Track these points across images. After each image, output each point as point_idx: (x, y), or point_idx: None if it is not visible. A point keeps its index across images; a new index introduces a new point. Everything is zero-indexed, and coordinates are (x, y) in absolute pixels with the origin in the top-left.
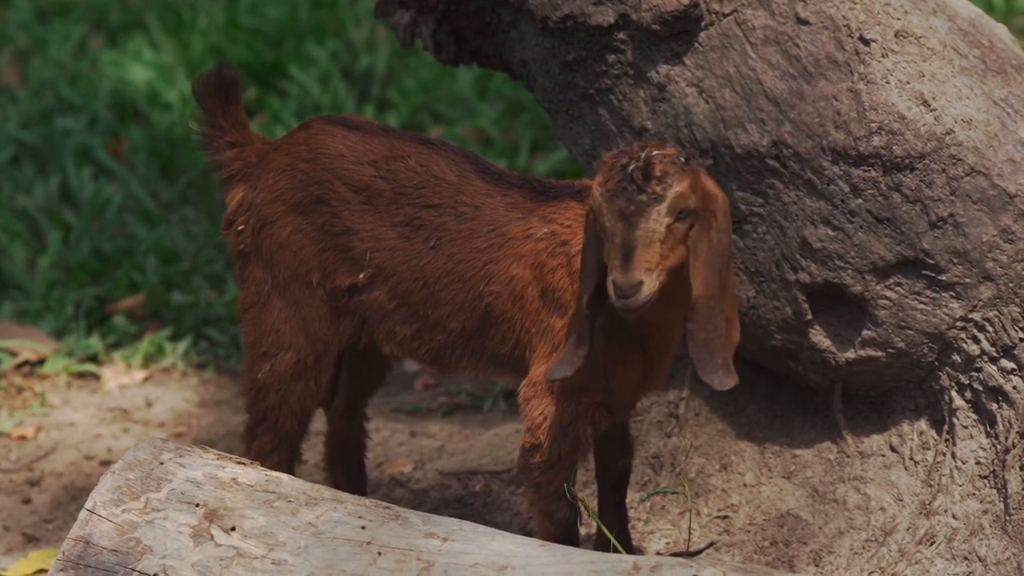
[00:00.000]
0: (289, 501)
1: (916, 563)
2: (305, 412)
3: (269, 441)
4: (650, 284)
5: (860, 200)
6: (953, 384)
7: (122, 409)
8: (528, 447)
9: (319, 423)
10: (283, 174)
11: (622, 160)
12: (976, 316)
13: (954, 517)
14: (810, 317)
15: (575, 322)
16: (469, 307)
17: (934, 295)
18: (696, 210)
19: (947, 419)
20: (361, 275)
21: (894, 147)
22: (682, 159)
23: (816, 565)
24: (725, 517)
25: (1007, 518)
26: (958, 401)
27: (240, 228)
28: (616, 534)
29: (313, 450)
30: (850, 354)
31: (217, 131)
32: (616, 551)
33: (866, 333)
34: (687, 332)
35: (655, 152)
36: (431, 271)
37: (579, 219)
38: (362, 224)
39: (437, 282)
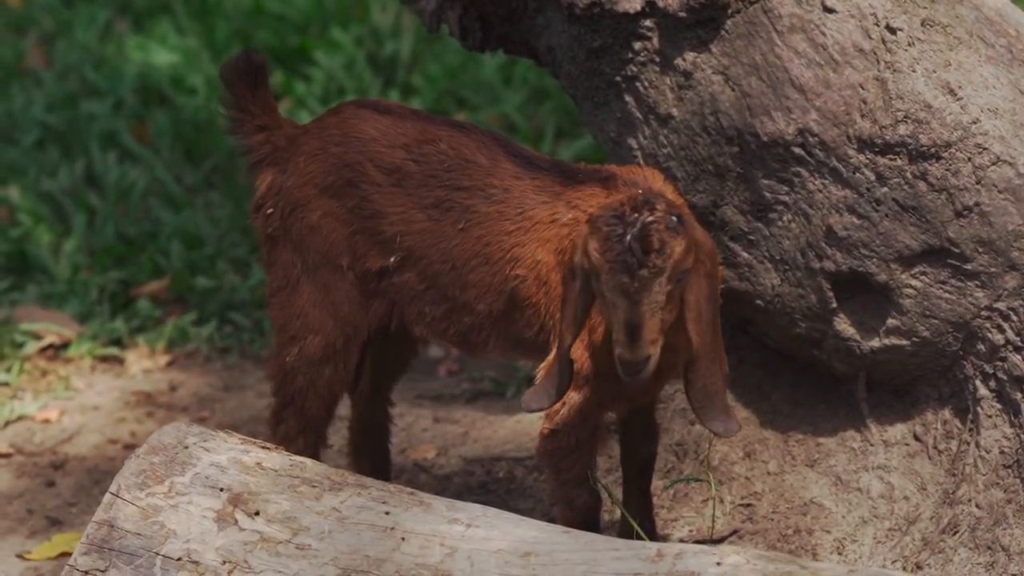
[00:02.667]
0: (313, 486)
1: (939, 552)
2: (332, 396)
3: (295, 425)
4: (655, 352)
5: (886, 189)
6: (977, 373)
7: (146, 393)
8: (547, 433)
9: (344, 408)
10: (314, 157)
11: (617, 229)
12: (1001, 305)
13: (978, 506)
14: (835, 305)
15: (557, 361)
16: (496, 290)
17: (959, 284)
18: (690, 267)
19: (971, 408)
20: (392, 258)
21: (920, 136)
22: (674, 218)
23: (839, 554)
24: (748, 505)
25: None
26: (982, 390)
27: (269, 212)
28: (640, 521)
29: (338, 435)
30: (875, 342)
31: (246, 115)
32: (639, 538)
33: (891, 322)
34: (685, 382)
35: (650, 219)
36: (460, 253)
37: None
38: (393, 207)
39: (465, 264)
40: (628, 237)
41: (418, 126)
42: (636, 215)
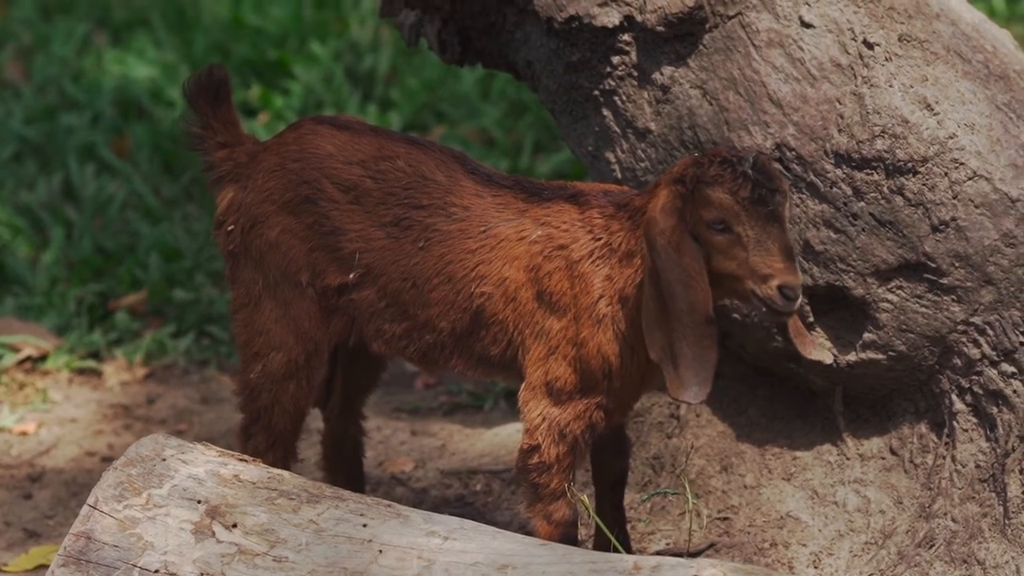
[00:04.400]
0: (291, 498)
1: (915, 566)
2: (298, 411)
3: (264, 440)
4: None
5: (862, 203)
6: (953, 387)
7: (123, 406)
8: (526, 448)
9: (318, 421)
10: (272, 174)
11: (737, 168)
12: (977, 320)
13: (953, 520)
14: (811, 319)
15: (696, 341)
16: (460, 307)
17: (935, 298)
18: None
19: (947, 422)
20: (351, 275)
21: (897, 151)
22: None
23: (815, 567)
24: (725, 518)
25: (1006, 522)
26: (958, 404)
27: (230, 228)
28: (615, 535)
29: (313, 448)
30: (851, 357)
31: (208, 131)
32: (616, 551)
33: (867, 336)
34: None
35: (753, 154)
36: (420, 271)
37: (575, 222)
38: (351, 224)
39: (427, 282)
40: (750, 171)
41: (375, 143)
42: (737, 156)
